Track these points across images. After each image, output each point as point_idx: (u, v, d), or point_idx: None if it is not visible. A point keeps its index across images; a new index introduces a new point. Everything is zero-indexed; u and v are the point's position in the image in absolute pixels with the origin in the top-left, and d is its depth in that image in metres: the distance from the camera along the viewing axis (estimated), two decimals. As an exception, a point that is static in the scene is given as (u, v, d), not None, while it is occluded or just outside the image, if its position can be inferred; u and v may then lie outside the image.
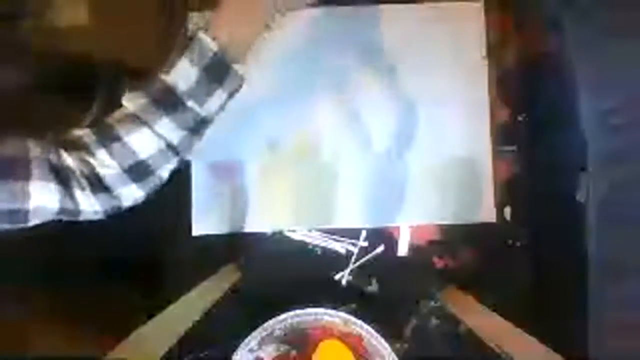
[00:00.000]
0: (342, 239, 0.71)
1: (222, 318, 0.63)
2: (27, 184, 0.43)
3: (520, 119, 0.71)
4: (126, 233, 0.72)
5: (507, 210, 0.71)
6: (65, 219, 0.48)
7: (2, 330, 0.68)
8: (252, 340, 0.59)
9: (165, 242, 0.70)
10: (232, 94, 0.51)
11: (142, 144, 0.48)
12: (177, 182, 0.69)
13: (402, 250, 0.71)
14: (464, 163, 0.71)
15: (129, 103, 0.48)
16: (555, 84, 0.66)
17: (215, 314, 0.57)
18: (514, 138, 0.71)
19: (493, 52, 0.71)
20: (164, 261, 0.70)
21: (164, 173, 0.51)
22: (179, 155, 0.50)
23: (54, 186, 0.44)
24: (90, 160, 0.47)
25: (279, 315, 0.60)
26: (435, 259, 0.71)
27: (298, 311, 0.60)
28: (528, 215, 0.70)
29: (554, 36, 0.70)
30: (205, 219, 0.70)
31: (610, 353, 0.44)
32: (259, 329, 0.59)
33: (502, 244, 0.71)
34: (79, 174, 0.46)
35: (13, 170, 0.42)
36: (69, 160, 0.46)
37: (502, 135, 0.71)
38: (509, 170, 0.71)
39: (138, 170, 0.48)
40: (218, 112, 0.51)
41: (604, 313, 0.46)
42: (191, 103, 0.48)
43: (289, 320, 0.60)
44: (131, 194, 0.50)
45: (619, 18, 0.46)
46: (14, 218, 0.43)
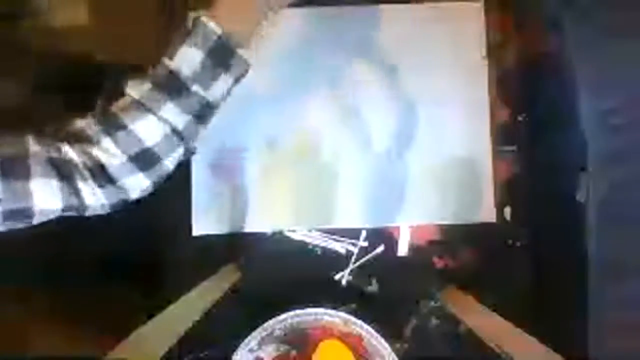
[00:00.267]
0: (342, 239, 0.71)
1: (222, 318, 0.63)
2: (28, 183, 0.42)
3: (520, 119, 0.71)
4: (126, 233, 0.72)
5: (507, 210, 0.71)
6: (72, 215, 0.47)
7: (2, 330, 0.68)
8: (252, 340, 0.59)
9: (165, 242, 0.70)
10: (238, 79, 0.51)
11: (148, 131, 0.47)
12: (177, 182, 0.69)
13: (402, 250, 0.71)
14: (464, 163, 0.71)
15: (132, 90, 0.47)
16: (555, 84, 0.66)
17: (215, 314, 0.57)
18: (514, 138, 0.71)
19: (493, 52, 0.71)
20: (164, 261, 0.70)
21: (170, 163, 0.50)
22: (184, 141, 0.50)
23: (55, 183, 0.44)
24: (93, 151, 0.46)
25: (279, 315, 0.60)
26: (435, 259, 0.71)
27: (298, 311, 0.60)
28: (528, 215, 0.71)
29: (554, 36, 0.70)
30: (205, 219, 0.70)
31: (610, 353, 0.44)
32: (259, 329, 0.59)
33: (502, 244, 0.71)
34: (82, 166, 0.46)
35: (13, 170, 0.42)
36: (71, 153, 0.45)
37: (502, 135, 0.71)
38: (509, 170, 0.71)
39: (144, 159, 0.48)
40: (224, 98, 0.51)
41: (604, 313, 0.46)
42: (196, 87, 0.47)
43: (289, 320, 0.60)
44: (138, 184, 0.49)
45: (619, 18, 0.46)
46: (19, 217, 0.43)
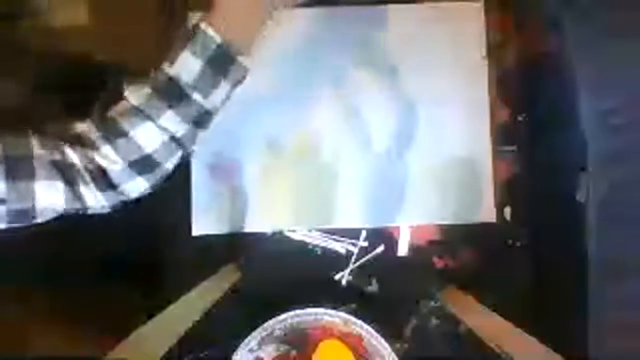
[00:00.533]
0: (342, 239, 0.71)
1: (222, 318, 0.62)
2: (33, 184, 0.43)
3: (520, 119, 0.71)
4: (126, 233, 0.72)
5: (507, 210, 0.71)
6: (72, 214, 0.48)
7: (2, 330, 0.68)
8: (252, 340, 0.59)
9: (165, 242, 0.70)
10: (236, 85, 0.51)
11: (147, 138, 0.47)
12: (177, 182, 0.69)
13: (402, 250, 0.71)
14: (464, 163, 0.71)
15: (131, 96, 0.47)
16: (555, 84, 0.66)
17: (215, 314, 0.57)
18: (514, 138, 0.71)
19: (493, 52, 0.71)
20: (164, 261, 0.70)
21: (169, 165, 0.51)
22: (182, 146, 0.50)
23: (59, 185, 0.44)
24: (94, 156, 0.47)
25: (279, 315, 0.60)
26: (435, 259, 0.71)
27: (298, 311, 0.60)
28: (528, 215, 0.70)
29: (554, 36, 0.70)
30: (205, 219, 0.70)
31: (610, 353, 0.44)
32: (259, 329, 0.59)
33: (502, 244, 0.71)
34: (83, 170, 0.46)
35: (18, 171, 0.42)
36: (73, 157, 0.46)
37: (502, 135, 0.71)
38: (509, 170, 0.71)
39: (144, 164, 0.48)
40: (223, 104, 0.51)
41: (604, 313, 0.46)
42: (195, 95, 0.48)
43: (289, 320, 0.60)
44: (137, 187, 0.50)
45: (619, 18, 0.46)
46: (21, 217, 0.44)
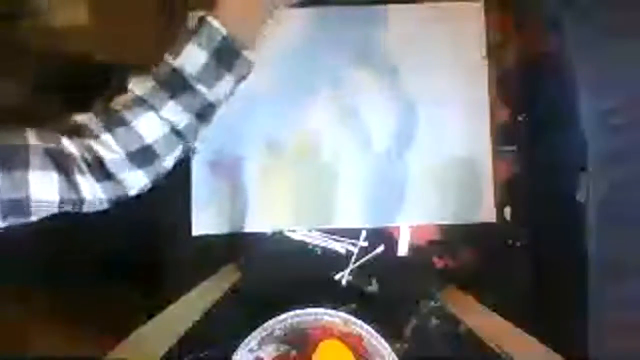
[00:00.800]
0: (342, 239, 0.71)
1: (222, 318, 0.62)
2: (27, 173, 0.42)
3: (520, 119, 0.71)
4: (126, 233, 0.72)
5: (507, 210, 0.71)
6: (69, 210, 0.47)
7: (2, 330, 0.68)
8: (252, 340, 0.59)
9: (165, 242, 0.70)
10: (240, 79, 0.51)
11: (148, 128, 0.47)
12: (177, 182, 0.69)
13: (402, 250, 0.71)
14: (464, 163, 0.71)
15: (134, 87, 0.47)
16: (555, 84, 0.66)
17: (215, 314, 0.57)
18: (514, 138, 0.71)
19: (493, 52, 0.71)
20: (164, 261, 0.70)
21: (169, 161, 0.50)
22: (183, 140, 0.50)
23: (54, 174, 0.44)
24: (93, 145, 0.46)
25: (279, 315, 0.59)
26: (435, 259, 0.71)
27: (298, 311, 0.60)
28: (528, 215, 0.70)
29: (554, 36, 0.70)
30: (205, 219, 0.70)
31: (610, 353, 0.44)
32: (259, 329, 0.59)
33: (502, 244, 0.70)
34: (80, 160, 0.46)
35: (12, 160, 0.42)
36: (70, 146, 0.45)
37: (502, 135, 0.71)
38: (509, 170, 0.71)
39: (143, 155, 0.48)
40: (227, 97, 0.51)
41: (604, 313, 0.46)
42: (199, 86, 0.47)
43: (289, 320, 0.60)
44: (136, 181, 0.49)
45: (619, 18, 0.46)
46: (16, 209, 0.43)
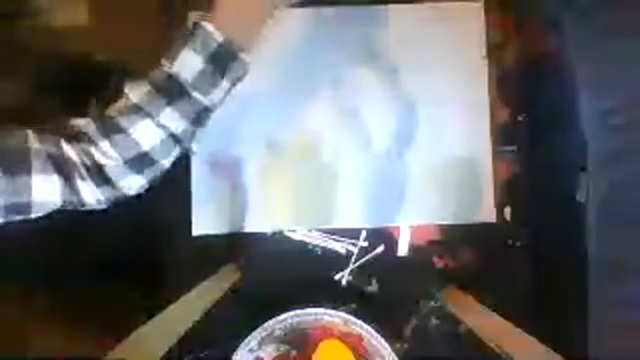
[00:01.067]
0: (342, 239, 0.71)
1: (222, 318, 0.62)
2: (29, 177, 0.43)
3: (520, 119, 0.71)
4: (126, 233, 0.72)
5: (507, 210, 0.71)
6: (70, 209, 0.48)
7: (2, 330, 0.68)
8: (252, 340, 0.59)
9: (165, 242, 0.70)
10: (235, 82, 0.51)
11: (145, 135, 0.47)
12: (177, 182, 0.69)
13: (402, 250, 0.71)
14: (464, 163, 0.71)
15: (131, 93, 0.47)
16: (555, 84, 0.66)
17: (215, 314, 0.57)
18: (514, 138, 0.71)
19: (493, 52, 0.71)
20: (164, 261, 0.70)
21: (166, 162, 0.51)
22: (181, 144, 0.50)
23: (55, 178, 0.44)
24: (92, 151, 0.47)
25: (279, 315, 0.60)
26: (435, 259, 0.71)
27: (298, 311, 0.60)
28: (528, 215, 0.70)
29: (554, 36, 0.70)
30: (205, 219, 0.70)
31: (610, 353, 0.44)
32: (259, 329, 0.59)
33: (502, 244, 0.71)
34: (80, 165, 0.46)
35: (14, 163, 0.42)
36: (70, 151, 0.46)
37: (502, 135, 0.71)
38: (509, 170, 0.71)
39: (141, 162, 0.48)
40: (222, 101, 0.51)
41: (604, 313, 0.46)
42: (195, 93, 0.47)
43: (289, 320, 0.60)
44: (134, 184, 0.50)
45: (619, 18, 0.46)
46: (17, 211, 0.43)
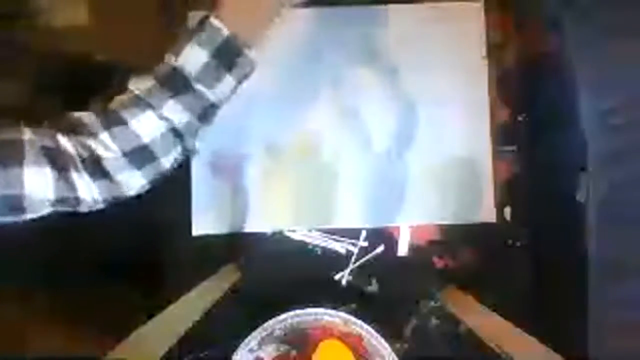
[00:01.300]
0: (342, 239, 0.71)
1: (222, 318, 0.62)
2: (21, 169, 0.42)
3: (520, 119, 0.71)
4: (126, 233, 0.72)
5: (507, 210, 0.71)
6: (66, 209, 0.46)
7: (2, 330, 0.68)
8: (252, 340, 0.59)
9: (165, 242, 0.70)
10: (242, 79, 0.50)
11: (146, 127, 0.46)
12: (177, 182, 0.69)
13: (402, 250, 0.71)
14: (464, 163, 0.71)
15: (134, 86, 0.47)
16: (555, 84, 0.66)
17: (215, 314, 0.57)
18: (514, 138, 0.71)
19: (493, 52, 0.71)
20: (164, 261, 0.70)
21: (167, 162, 0.49)
22: (182, 140, 0.49)
23: (48, 171, 0.43)
24: (90, 143, 0.46)
25: (279, 315, 0.60)
26: (435, 259, 0.71)
27: (298, 311, 0.60)
28: (528, 215, 0.70)
29: (554, 36, 0.70)
30: (205, 219, 0.70)
31: (610, 353, 0.44)
32: (259, 329, 0.59)
33: (502, 244, 0.71)
34: (77, 158, 0.45)
35: (6, 155, 0.41)
36: (66, 144, 0.45)
37: (502, 135, 0.71)
38: (509, 170, 0.71)
39: (140, 155, 0.47)
40: (228, 98, 0.50)
41: (604, 313, 0.46)
42: (199, 86, 0.47)
43: (289, 320, 0.60)
44: (132, 181, 0.48)
45: (619, 18, 0.46)
46: (10, 205, 0.42)
